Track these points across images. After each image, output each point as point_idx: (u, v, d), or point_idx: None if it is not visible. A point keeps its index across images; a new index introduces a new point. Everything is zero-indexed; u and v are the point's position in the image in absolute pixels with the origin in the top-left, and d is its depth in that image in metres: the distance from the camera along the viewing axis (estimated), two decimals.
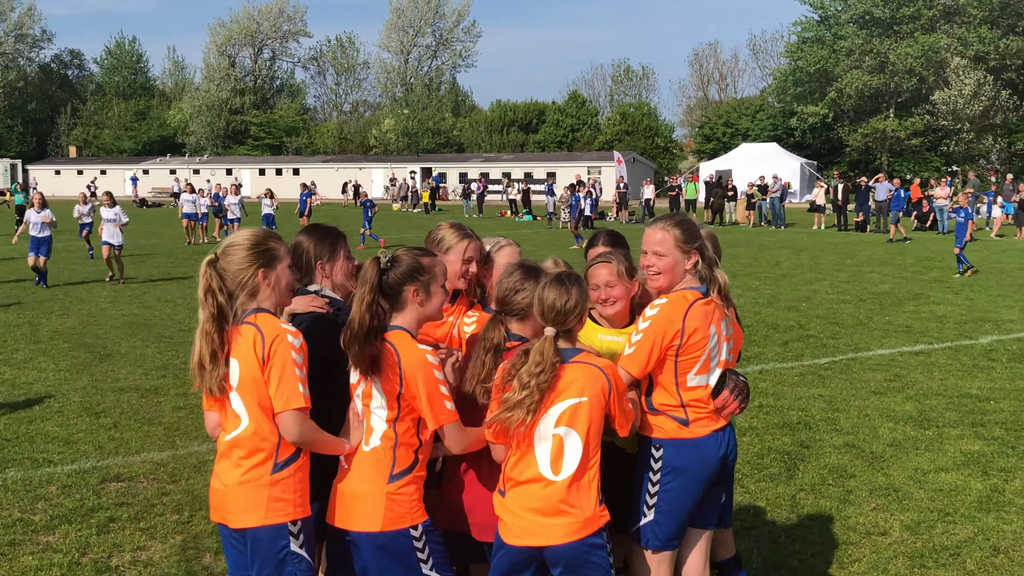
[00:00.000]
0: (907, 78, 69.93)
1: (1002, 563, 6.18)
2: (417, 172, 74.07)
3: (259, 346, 3.85)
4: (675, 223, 4.51)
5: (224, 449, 3.98)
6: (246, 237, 4.05)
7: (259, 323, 3.91)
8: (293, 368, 3.84)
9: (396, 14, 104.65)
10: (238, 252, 3.99)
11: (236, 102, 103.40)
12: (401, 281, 4.04)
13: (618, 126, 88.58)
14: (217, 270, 3.97)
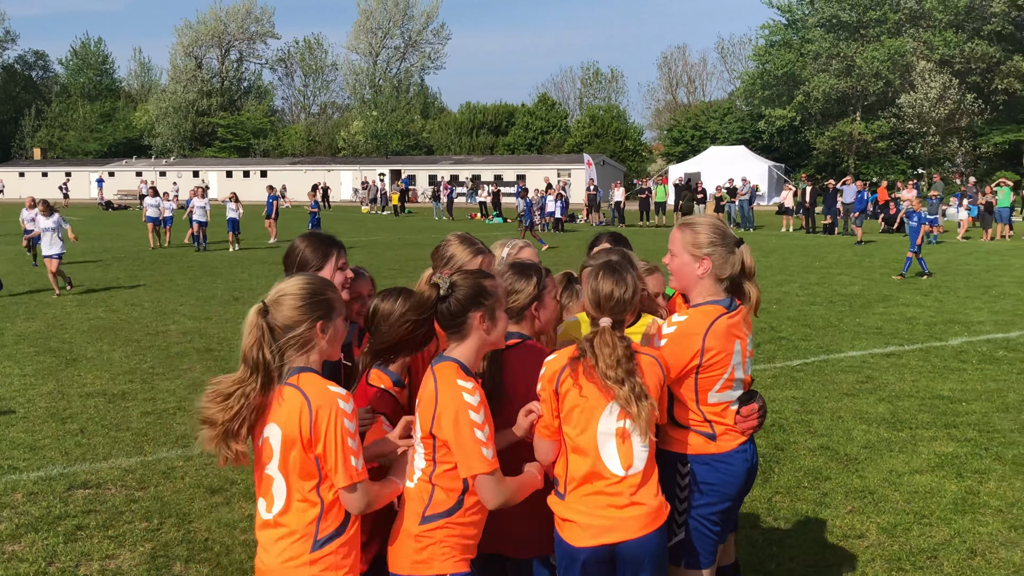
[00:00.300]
0: (873, 81, 70.52)
1: (979, 565, 6.17)
2: (386, 174, 73.97)
3: (305, 418, 3.40)
4: (691, 224, 4.31)
5: (261, 523, 3.62)
6: (300, 285, 3.60)
7: (304, 387, 3.45)
8: (347, 440, 3.41)
9: (364, 16, 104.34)
10: (292, 302, 3.54)
11: (203, 104, 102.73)
12: (465, 307, 3.70)
13: (587, 129, 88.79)
14: (268, 322, 3.50)
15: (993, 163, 70.11)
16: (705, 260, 4.22)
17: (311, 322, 3.54)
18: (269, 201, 35.00)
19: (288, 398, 3.45)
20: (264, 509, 3.58)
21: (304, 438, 3.41)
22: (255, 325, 3.48)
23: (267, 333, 3.47)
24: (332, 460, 3.41)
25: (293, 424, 3.42)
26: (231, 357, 12.88)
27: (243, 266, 25.74)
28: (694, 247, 4.23)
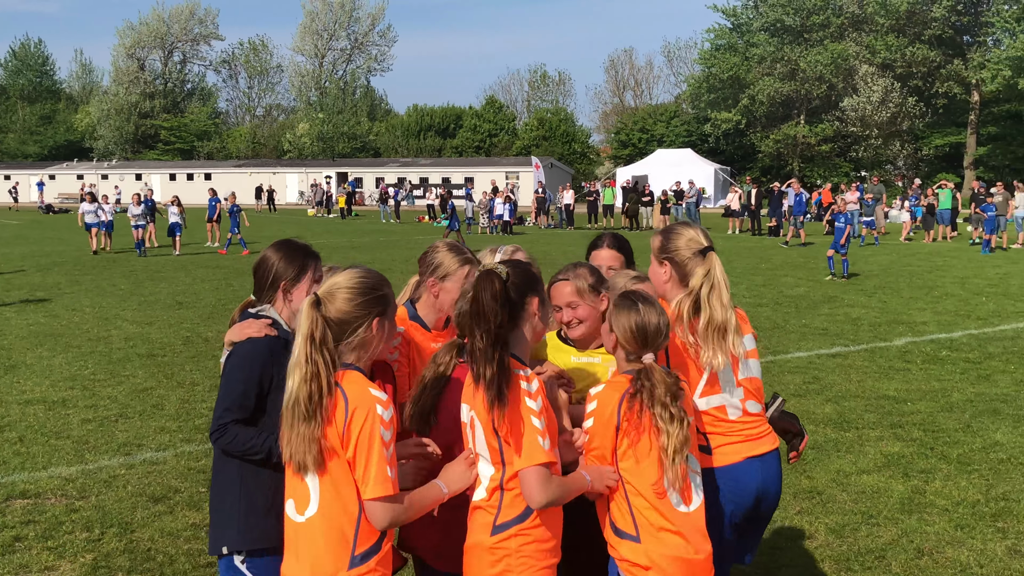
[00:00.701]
0: (817, 85, 71.37)
1: (926, 565, 6.20)
2: (332, 177, 73.51)
3: (340, 418, 3.21)
4: (664, 229, 4.30)
5: (293, 532, 3.39)
6: (356, 278, 3.39)
7: (345, 385, 3.26)
8: (380, 448, 3.19)
9: (310, 17, 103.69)
10: (347, 295, 3.34)
11: (146, 106, 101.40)
12: (523, 291, 3.50)
13: (536, 131, 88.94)
14: (322, 314, 3.29)
15: (934, 165, 71.26)
16: (665, 264, 4.18)
17: (367, 318, 3.36)
18: (211, 204, 34.52)
19: (338, 396, 3.28)
20: (294, 512, 3.38)
21: (338, 436, 3.23)
22: (307, 316, 3.27)
23: (320, 326, 3.27)
24: (361, 468, 3.21)
25: (334, 430, 3.24)
26: (175, 363, 12.69)
27: (187, 270, 25.41)
28: (657, 252, 4.22)
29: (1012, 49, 61.06)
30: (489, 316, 3.36)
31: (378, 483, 3.19)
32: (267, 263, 4.07)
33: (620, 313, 3.70)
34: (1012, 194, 33.09)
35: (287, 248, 4.13)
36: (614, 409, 3.57)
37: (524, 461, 3.33)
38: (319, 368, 3.22)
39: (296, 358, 3.25)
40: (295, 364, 3.25)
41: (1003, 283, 21.45)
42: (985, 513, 7.12)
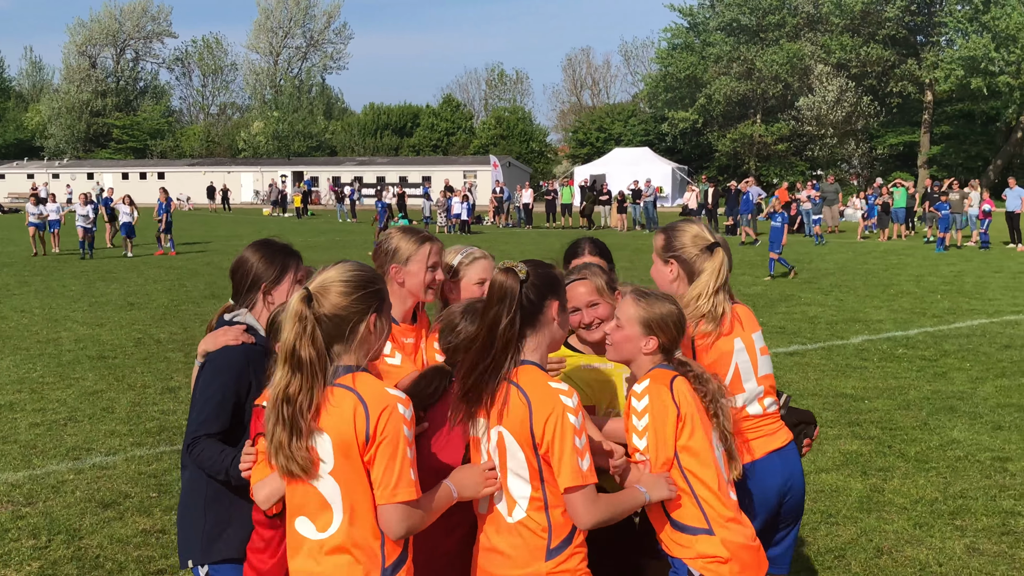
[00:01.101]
0: (773, 84, 71.89)
1: (886, 564, 6.18)
2: (288, 176, 72.99)
3: (361, 421, 2.95)
4: (667, 229, 4.21)
5: (310, 550, 3.11)
6: (349, 272, 3.12)
7: (360, 389, 3.00)
8: (405, 449, 2.97)
9: (264, 15, 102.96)
10: (341, 289, 3.07)
11: (97, 104, 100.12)
12: (542, 294, 3.27)
13: (493, 130, 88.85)
14: (313, 312, 3.03)
15: (888, 164, 72.01)
16: (671, 263, 4.09)
17: (363, 313, 3.09)
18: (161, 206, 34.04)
19: (339, 400, 3.01)
20: (311, 531, 3.10)
21: (360, 443, 2.97)
22: (298, 315, 3.01)
23: (312, 325, 3.01)
24: (382, 470, 2.96)
25: (348, 428, 2.97)
26: (125, 365, 12.46)
27: (139, 271, 25.06)
28: (663, 251, 4.12)
29: (964, 49, 61.81)
30: (503, 320, 3.19)
31: (402, 486, 2.96)
32: (245, 265, 3.89)
33: (654, 305, 3.58)
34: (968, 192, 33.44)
35: (266, 248, 3.94)
36: (668, 398, 3.45)
37: (567, 481, 3.12)
38: (308, 371, 3.00)
39: (282, 360, 3.04)
40: (276, 365, 3.08)
41: (957, 281, 21.65)
42: (943, 511, 7.12)
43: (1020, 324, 15.47)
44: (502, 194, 47.99)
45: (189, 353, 13.17)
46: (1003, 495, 7.48)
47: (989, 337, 14.21)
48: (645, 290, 3.68)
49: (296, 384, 3.00)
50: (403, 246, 4.10)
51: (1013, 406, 10.16)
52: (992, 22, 60.22)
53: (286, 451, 3.01)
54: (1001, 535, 6.68)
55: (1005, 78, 60.46)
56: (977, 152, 69.20)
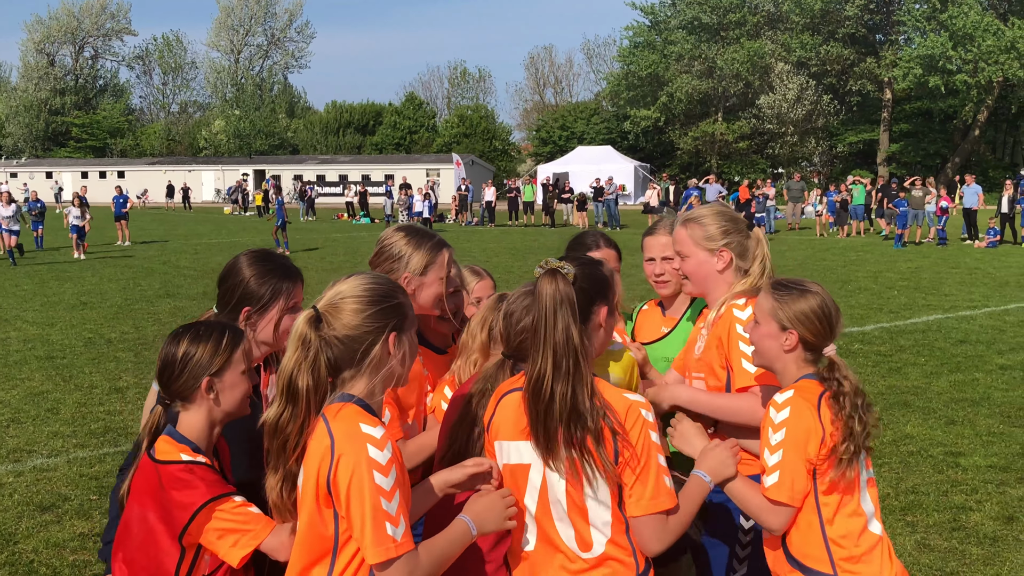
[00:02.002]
0: (734, 83, 72.22)
1: None
2: (250, 174, 72.50)
3: (324, 463, 2.57)
4: (695, 217, 3.91)
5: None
6: (366, 286, 2.72)
7: (335, 424, 2.60)
8: (376, 501, 2.51)
9: (225, 13, 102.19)
10: (357, 306, 2.68)
11: (56, 102, 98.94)
12: (591, 298, 2.93)
13: (456, 128, 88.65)
14: (322, 336, 2.66)
15: (848, 162, 72.54)
16: (724, 252, 3.81)
17: (378, 333, 2.69)
18: (117, 201, 33.62)
19: (316, 435, 2.63)
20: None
21: (320, 492, 2.59)
22: (302, 339, 2.63)
23: (316, 352, 2.64)
24: (357, 528, 2.53)
25: (311, 471, 2.61)
26: (74, 365, 12.23)
27: (94, 270, 24.71)
28: (707, 241, 3.80)
29: (922, 48, 62.42)
30: (560, 329, 2.77)
31: (375, 546, 2.51)
32: (235, 278, 3.37)
33: (793, 302, 3.17)
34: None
35: (261, 265, 3.40)
36: (815, 418, 3.05)
37: (649, 506, 2.77)
38: (304, 403, 2.65)
39: (279, 388, 2.68)
40: (277, 396, 2.69)
41: (914, 277, 21.77)
42: (895, 507, 7.08)
43: (975, 319, 15.55)
44: (467, 192, 47.88)
45: (140, 353, 12.96)
46: (954, 490, 7.45)
47: (944, 332, 14.26)
48: (784, 280, 3.31)
49: (287, 416, 2.66)
50: (416, 254, 3.57)
51: (966, 401, 10.18)
52: (949, 21, 60.83)
53: (269, 487, 2.72)
54: (952, 531, 6.65)
55: (962, 76, 61.11)
56: (935, 150, 69.89)
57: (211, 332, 2.98)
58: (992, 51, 59.64)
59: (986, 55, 59.90)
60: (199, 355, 2.93)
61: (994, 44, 59.50)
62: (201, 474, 2.84)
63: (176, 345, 2.96)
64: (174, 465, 2.85)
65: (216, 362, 2.94)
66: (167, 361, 2.95)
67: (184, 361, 2.93)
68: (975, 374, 11.43)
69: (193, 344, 2.95)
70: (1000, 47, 59.51)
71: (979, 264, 24.56)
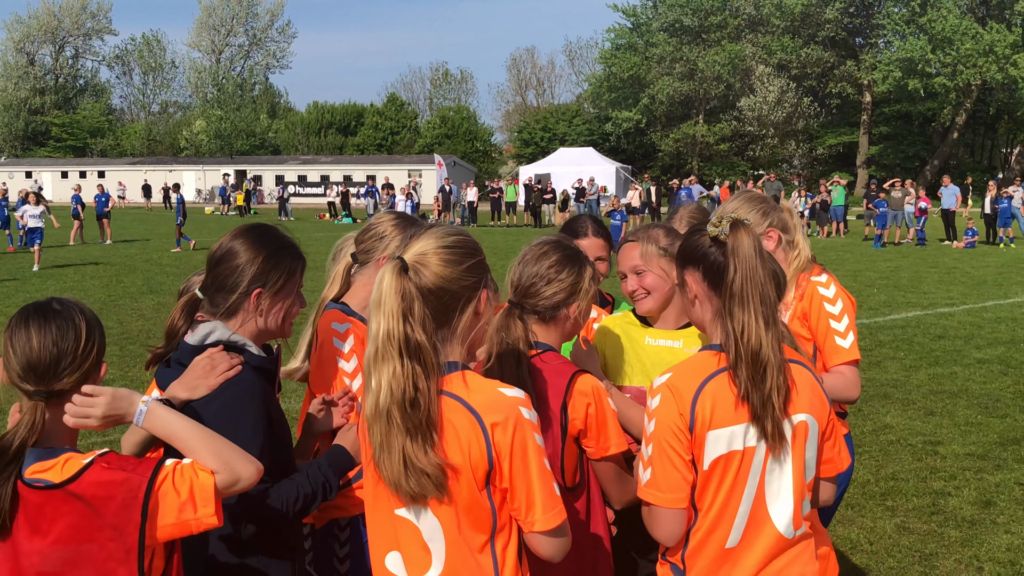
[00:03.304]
0: (715, 85, 72.49)
1: None
2: (231, 174, 72.25)
3: (471, 437, 2.38)
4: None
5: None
6: (452, 238, 2.51)
7: (468, 395, 2.42)
8: (541, 462, 2.40)
9: (207, 12, 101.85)
10: (448, 256, 2.47)
11: (36, 102, 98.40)
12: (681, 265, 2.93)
13: (438, 129, 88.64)
14: (415, 284, 2.42)
15: (828, 164, 72.93)
16: (772, 232, 3.85)
17: (474, 289, 2.49)
18: (100, 200, 33.58)
19: (450, 414, 2.41)
20: (403, 569, 2.51)
21: (477, 470, 2.39)
22: (400, 291, 2.37)
23: (420, 302, 2.39)
24: (523, 494, 2.40)
25: (457, 451, 2.39)
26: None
27: (75, 267, 24.66)
28: (755, 226, 3.69)
29: (902, 51, 62.85)
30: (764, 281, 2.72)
31: (548, 510, 2.41)
32: (242, 256, 2.93)
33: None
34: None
35: (274, 241, 3.00)
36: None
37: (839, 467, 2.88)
38: (429, 360, 2.39)
39: (380, 350, 2.38)
40: (378, 359, 2.39)
41: (894, 275, 21.98)
42: (875, 492, 7.22)
43: (953, 316, 15.74)
44: (451, 192, 47.97)
45: (125, 347, 12.99)
46: (933, 477, 7.60)
47: (923, 328, 14.44)
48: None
49: (422, 376, 2.37)
50: (400, 238, 3.55)
51: (944, 393, 10.34)
52: (929, 24, 61.29)
53: (418, 464, 2.37)
54: (931, 514, 6.79)
55: (941, 79, 61.58)
56: (914, 152, 70.37)
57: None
58: (970, 54, 60.12)
59: (964, 58, 60.37)
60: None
61: (972, 48, 59.98)
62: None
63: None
64: None
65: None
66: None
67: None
68: (953, 368, 11.60)
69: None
70: (978, 50, 59.99)
71: (957, 264, 24.82)
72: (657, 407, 2.68)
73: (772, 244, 3.82)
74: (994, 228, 31.44)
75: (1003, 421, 9.19)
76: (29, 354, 2.41)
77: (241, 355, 2.89)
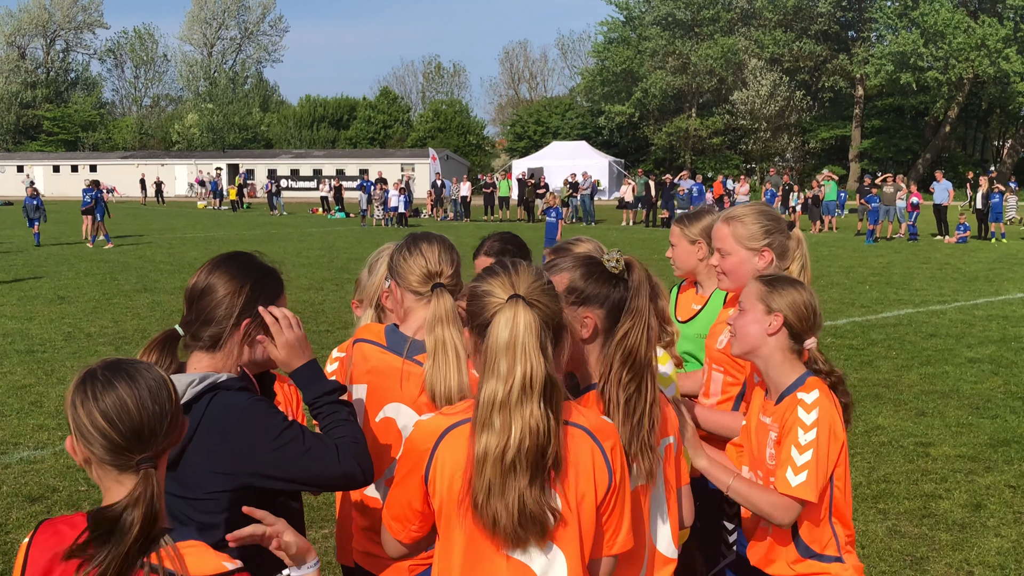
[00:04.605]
0: (708, 79, 72.56)
1: None
2: (223, 168, 72.18)
3: (601, 468, 2.40)
4: (738, 216, 3.84)
5: None
6: (536, 270, 2.50)
7: (585, 422, 2.45)
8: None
9: (198, 6, 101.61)
10: (551, 288, 2.47)
11: (27, 95, 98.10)
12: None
13: (431, 123, 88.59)
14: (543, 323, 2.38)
15: (821, 158, 73.09)
16: (766, 252, 3.78)
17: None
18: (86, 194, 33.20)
19: (573, 441, 2.40)
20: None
21: (601, 497, 2.41)
22: (536, 330, 2.36)
23: (548, 338, 2.37)
24: (617, 519, 2.47)
25: (587, 479, 2.39)
26: (55, 359, 12.27)
27: (69, 264, 24.63)
28: (750, 240, 3.77)
29: (894, 44, 62.97)
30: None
31: (630, 530, 2.51)
32: (225, 288, 2.78)
33: (783, 288, 3.23)
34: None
35: (253, 269, 2.87)
36: (837, 417, 3.18)
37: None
38: (553, 401, 2.33)
39: (517, 395, 2.30)
40: (513, 404, 2.31)
41: (886, 272, 22.06)
42: (867, 495, 7.29)
43: (945, 313, 15.83)
44: (442, 187, 47.93)
45: (120, 347, 13.02)
46: (925, 479, 7.67)
47: (915, 326, 14.53)
48: (773, 275, 3.40)
49: (554, 421, 2.32)
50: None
51: (936, 393, 10.41)
52: (921, 18, 61.40)
53: (535, 508, 2.31)
54: (922, 518, 6.86)
55: (933, 73, 61.72)
56: (907, 146, 70.53)
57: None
58: (963, 48, 60.26)
59: (957, 52, 60.52)
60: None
61: (964, 41, 60.11)
62: None
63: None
64: None
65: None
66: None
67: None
68: (945, 367, 11.68)
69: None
70: (970, 44, 60.14)
71: (949, 259, 24.91)
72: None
73: (763, 264, 3.77)
74: (986, 223, 31.56)
75: (993, 422, 9.27)
76: (132, 418, 2.08)
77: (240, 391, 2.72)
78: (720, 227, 3.86)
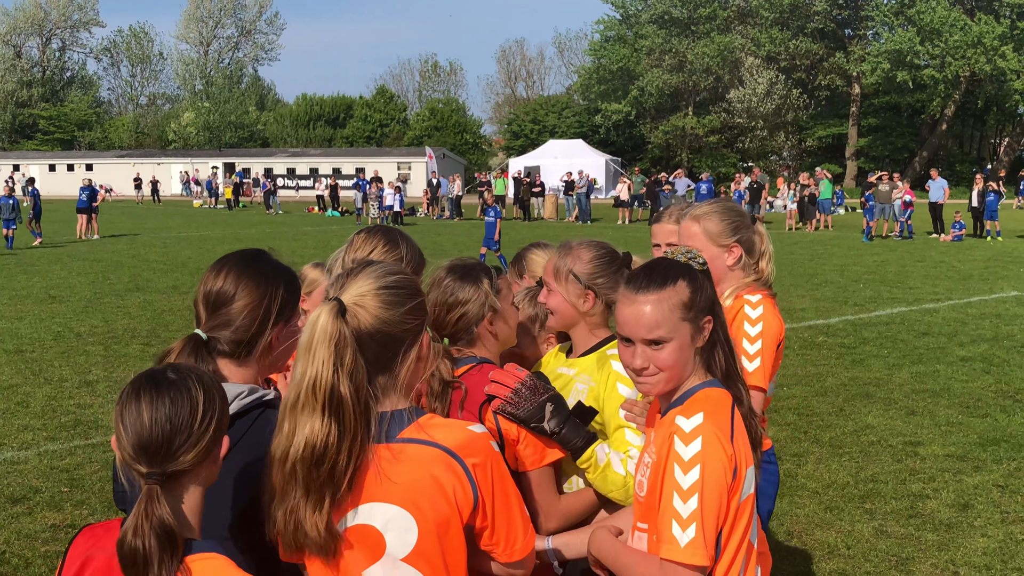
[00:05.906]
0: (704, 77, 72.49)
1: (795, 546, 6.29)
2: (219, 167, 72.12)
3: (462, 485, 2.33)
4: (705, 214, 3.85)
5: None
6: (392, 277, 2.38)
7: (440, 438, 2.33)
8: (517, 493, 2.49)
9: (195, 4, 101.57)
10: (389, 298, 2.33)
11: (23, 94, 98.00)
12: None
13: (427, 122, 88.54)
14: (353, 331, 2.27)
15: (817, 156, 73.05)
16: (735, 248, 3.84)
17: (416, 332, 2.38)
18: (83, 193, 33.20)
19: (415, 461, 2.30)
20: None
21: (465, 513, 2.31)
22: (333, 337, 2.23)
23: (354, 350, 2.25)
24: (504, 528, 2.38)
25: (439, 499, 2.29)
26: (43, 359, 12.22)
27: (62, 263, 24.57)
28: (719, 237, 3.83)
29: (890, 42, 62.94)
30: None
31: (528, 543, 2.42)
32: (261, 291, 2.61)
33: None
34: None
35: (282, 269, 2.75)
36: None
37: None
38: (350, 416, 2.22)
39: (302, 398, 2.22)
40: (297, 408, 2.23)
41: (880, 270, 22.04)
42: (854, 495, 7.25)
43: (938, 312, 15.80)
44: (439, 186, 47.90)
45: (109, 347, 12.97)
46: (913, 479, 7.63)
47: (907, 325, 14.50)
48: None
49: (334, 435, 2.20)
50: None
51: (927, 392, 10.38)
52: (917, 16, 61.38)
53: (305, 524, 2.23)
54: (909, 518, 6.82)
55: (930, 71, 61.70)
56: (903, 144, 70.51)
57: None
58: (959, 46, 60.23)
59: (953, 50, 60.49)
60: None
61: (961, 39, 60.09)
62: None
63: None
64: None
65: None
66: None
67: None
68: (936, 366, 11.65)
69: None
70: (967, 42, 60.11)
71: (944, 258, 24.90)
72: None
73: (732, 260, 3.82)
74: (982, 221, 31.54)
75: (983, 421, 9.24)
76: (140, 432, 2.02)
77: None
78: (689, 225, 3.89)
